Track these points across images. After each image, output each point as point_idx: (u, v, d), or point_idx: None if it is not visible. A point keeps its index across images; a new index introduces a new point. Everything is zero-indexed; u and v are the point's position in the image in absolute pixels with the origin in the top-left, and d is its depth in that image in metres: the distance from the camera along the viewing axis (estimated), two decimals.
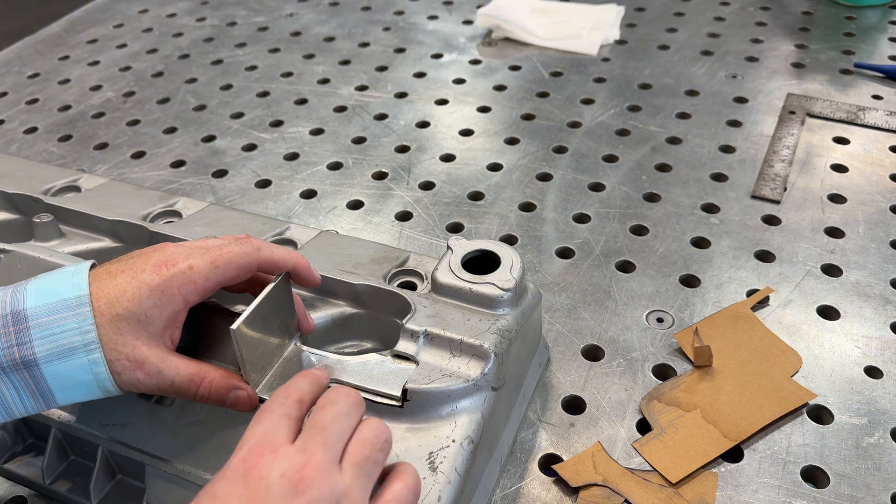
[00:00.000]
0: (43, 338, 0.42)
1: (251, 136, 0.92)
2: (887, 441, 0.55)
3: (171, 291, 0.44)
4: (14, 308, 0.42)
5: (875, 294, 0.67)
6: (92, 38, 1.16)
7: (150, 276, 0.44)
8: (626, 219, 0.76)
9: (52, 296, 0.43)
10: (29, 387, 0.43)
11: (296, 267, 0.48)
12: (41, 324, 0.42)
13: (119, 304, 0.43)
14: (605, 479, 0.53)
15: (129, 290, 0.43)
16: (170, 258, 0.45)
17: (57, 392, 0.43)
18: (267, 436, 0.38)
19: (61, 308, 0.42)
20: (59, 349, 0.42)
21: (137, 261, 0.45)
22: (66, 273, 0.44)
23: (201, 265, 0.45)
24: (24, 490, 0.55)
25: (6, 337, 0.42)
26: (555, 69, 1.01)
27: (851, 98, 0.92)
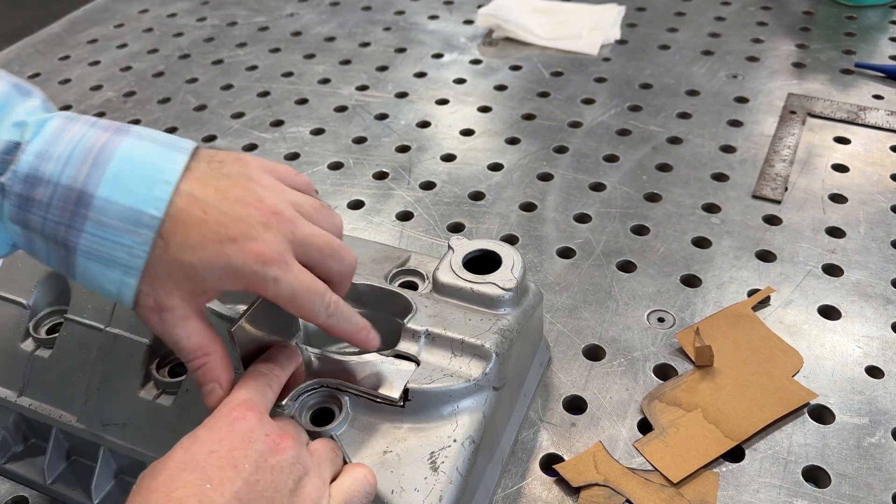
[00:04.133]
0: (93, 235, 0.39)
1: (252, 136, 0.92)
2: (888, 441, 0.55)
3: (241, 282, 0.41)
4: (84, 186, 0.39)
5: (876, 294, 0.67)
6: (92, 38, 1.16)
7: (237, 257, 0.40)
8: (627, 218, 0.76)
9: (127, 196, 0.39)
10: (59, 258, 0.41)
11: None
12: (100, 221, 0.39)
13: (188, 254, 0.40)
14: (606, 479, 0.53)
15: (209, 251, 0.40)
16: (269, 251, 0.40)
17: (80, 278, 0.41)
18: (253, 399, 0.42)
19: (127, 217, 0.39)
20: (102, 254, 0.40)
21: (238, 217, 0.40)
22: (155, 168, 0.40)
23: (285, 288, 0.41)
24: (25, 490, 0.55)
25: (62, 212, 0.39)
26: (555, 69, 1.01)
27: (852, 98, 0.92)
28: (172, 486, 0.37)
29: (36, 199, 0.39)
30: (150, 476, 0.38)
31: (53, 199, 0.39)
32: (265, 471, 0.39)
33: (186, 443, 0.39)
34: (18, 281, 0.57)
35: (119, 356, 0.52)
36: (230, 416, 0.40)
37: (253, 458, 0.39)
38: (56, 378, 0.53)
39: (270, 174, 0.44)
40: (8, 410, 0.54)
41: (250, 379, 0.44)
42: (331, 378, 0.48)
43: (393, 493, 0.44)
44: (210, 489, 0.37)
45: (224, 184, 0.41)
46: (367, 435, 0.47)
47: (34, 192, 0.39)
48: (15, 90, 0.42)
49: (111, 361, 0.52)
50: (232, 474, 0.38)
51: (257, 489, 0.38)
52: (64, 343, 0.53)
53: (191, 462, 0.38)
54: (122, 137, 0.41)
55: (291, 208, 0.43)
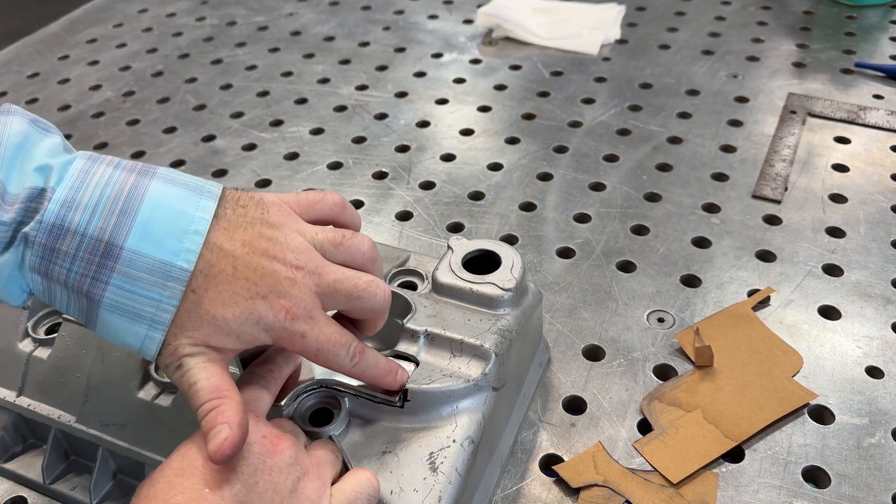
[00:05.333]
0: (119, 287, 0.38)
1: (251, 135, 0.92)
2: (888, 441, 0.55)
3: (271, 337, 0.41)
4: (112, 238, 0.38)
5: (876, 294, 0.66)
6: (91, 38, 1.16)
7: (268, 313, 0.40)
8: (627, 218, 0.76)
9: (155, 248, 0.38)
10: (80, 308, 0.40)
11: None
12: (127, 273, 0.38)
13: (221, 309, 0.39)
14: (605, 480, 0.53)
15: (241, 307, 0.39)
16: (297, 309, 0.40)
17: (101, 330, 0.40)
18: (250, 402, 0.42)
19: (156, 270, 0.38)
20: (128, 308, 0.38)
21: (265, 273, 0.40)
22: (184, 218, 0.39)
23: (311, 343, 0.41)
24: (24, 490, 0.55)
25: (87, 264, 0.38)
26: (555, 69, 1.01)
27: (852, 97, 0.92)
28: (171, 492, 0.37)
29: (62, 250, 0.38)
30: (148, 485, 0.38)
31: (80, 251, 0.38)
32: (263, 472, 0.39)
33: (183, 449, 0.39)
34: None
35: (118, 356, 0.52)
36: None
37: (250, 460, 0.39)
38: (55, 378, 0.53)
39: (290, 212, 0.44)
40: (7, 411, 0.54)
41: (247, 381, 0.44)
42: (330, 378, 0.48)
43: (392, 493, 0.44)
44: (209, 493, 0.37)
45: (249, 235, 0.41)
46: (366, 435, 0.47)
47: (60, 243, 0.38)
48: (33, 127, 0.40)
49: (110, 362, 0.52)
50: (230, 477, 0.38)
51: (256, 491, 0.38)
52: (62, 343, 0.53)
53: (188, 467, 0.38)
54: (148, 181, 0.40)
55: (314, 253, 0.43)
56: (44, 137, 0.40)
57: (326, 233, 0.44)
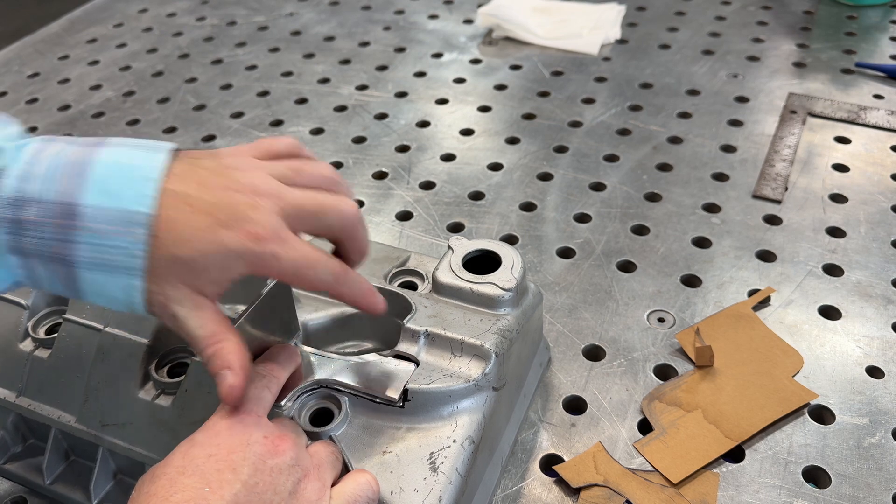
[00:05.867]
0: (89, 244, 0.39)
1: (251, 135, 0.92)
2: (889, 441, 0.55)
3: (243, 265, 0.40)
4: (68, 199, 0.39)
5: (877, 294, 0.66)
6: (92, 38, 1.16)
7: (233, 240, 0.39)
8: (627, 218, 0.76)
9: (113, 199, 0.39)
10: (62, 280, 0.40)
11: None
12: (91, 229, 0.39)
13: (184, 247, 0.39)
14: (606, 480, 0.53)
15: (204, 241, 0.39)
16: (262, 230, 0.40)
17: (87, 294, 0.40)
18: (251, 402, 0.42)
19: (118, 220, 0.39)
20: (103, 262, 0.39)
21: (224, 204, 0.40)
22: (136, 170, 0.40)
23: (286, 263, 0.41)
24: (24, 490, 0.55)
25: (53, 228, 0.39)
26: (556, 68, 1.01)
27: (853, 97, 0.92)
28: (171, 490, 0.37)
29: (26, 220, 0.39)
30: (149, 480, 0.38)
31: (44, 218, 0.39)
32: (264, 473, 0.39)
33: (185, 447, 0.39)
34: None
35: (118, 356, 0.52)
36: (228, 420, 0.41)
37: (251, 460, 0.39)
38: (55, 378, 0.53)
39: (245, 154, 0.44)
40: (7, 411, 0.54)
41: (248, 381, 0.44)
42: (330, 378, 0.48)
43: (392, 493, 0.44)
44: (209, 493, 0.37)
45: (204, 175, 0.41)
46: (367, 435, 0.47)
47: (23, 213, 0.39)
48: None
49: (110, 362, 0.52)
50: (231, 477, 0.38)
51: (256, 491, 0.38)
52: (63, 343, 0.53)
53: (189, 466, 0.38)
54: (100, 148, 0.41)
55: (272, 180, 0.42)
56: (2, 128, 0.41)
57: (285, 162, 0.44)
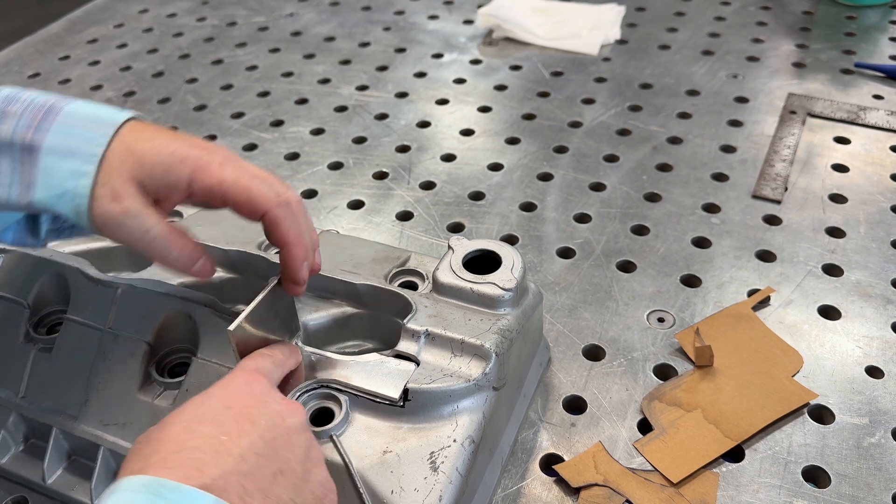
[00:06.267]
0: (59, 132, 0.42)
1: (252, 135, 0.92)
2: (888, 441, 0.55)
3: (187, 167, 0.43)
4: (55, 104, 0.43)
5: (876, 294, 0.67)
6: (92, 38, 1.16)
7: (184, 146, 0.43)
8: (627, 219, 0.76)
9: (92, 109, 0.44)
10: (22, 172, 0.43)
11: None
12: (67, 122, 0.43)
13: (141, 143, 0.43)
14: (606, 480, 0.53)
15: (160, 141, 0.43)
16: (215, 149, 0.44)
17: (39, 186, 0.42)
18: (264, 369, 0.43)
19: (92, 118, 0.43)
20: (65, 147, 0.42)
21: (186, 139, 0.44)
22: (117, 110, 0.45)
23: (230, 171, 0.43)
24: (25, 490, 0.55)
25: (31, 119, 0.42)
26: (555, 69, 1.01)
27: (852, 98, 0.92)
28: (187, 436, 0.36)
29: (9, 111, 0.43)
30: (159, 428, 0.38)
31: (26, 111, 0.43)
32: (281, 429, 0.39)
33: (199, 399, 0.39)
34: (18, 281, 0.57)
35: (118, 356, 0.52)
36: (245, 378, 0.41)
37: (269, 415, 0.39)
38: (56, 378, 0.53)
39: None
40: (8, 410, 0.54)
41: (258, 355, 0.44)
42: (330, 378, 0.48)
43: (393, 493, 0.44)
44: (227, 441, 0.37)
45: (176, 133, 0.45)
46: (367, 435, 0.47)
47: (9, 107, 0.43)
48: None
49: (111, 361, 0.52)
50: (248, 427, 0.38)
51: (273, 446, 0.38)
52: (64, 343, 0.53)
53: (207, 415, 0.38)
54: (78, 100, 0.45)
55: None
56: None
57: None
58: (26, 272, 0.57)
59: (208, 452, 0.36)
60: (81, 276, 0.55)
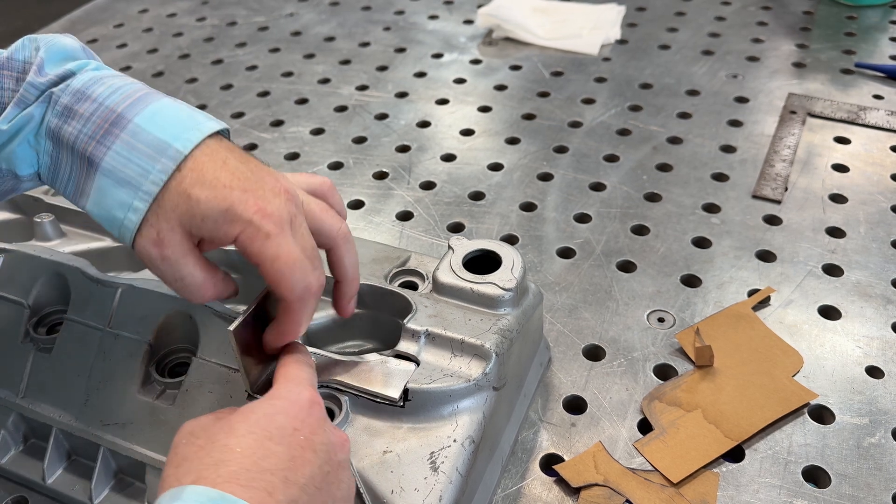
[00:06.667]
0: (118, 154, 0.41)
1: (252, 135, 0.92)
2: (888, 441, 0.55)
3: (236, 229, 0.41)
4: (125, 112, 0.42)
5: (876, 294, 0.67)
6: (92, 38, 1.16)
7: (240, 204, 0.41)
8: (627, 218, 0.76)
9: (160, 130, 0.42)
10: (79, 179, 0.42)
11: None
12: (129, 143, 0.41)
13: (197, 189, 0.41)
14: (606, 480, 0.53)
15: (217, 191, 0.41)
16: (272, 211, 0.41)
17: (91, 200, 0.42)
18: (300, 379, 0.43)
19: (154, 146, 0.41)
20: (121, 174, 0.41)
21: (253, 179, 0.42)
22: (191, 120, 0.43)
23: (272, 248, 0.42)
24: (25, 490, 0.55)
25: (97, 128, 0.42)
26: (555, 69, 1.01)
27: (852, 98, 0.92)
28: (261, 454, 0.36)
29: (78, 111, 0.42)
30: (221, 431, 0.37)
31: (94, 116, 0.42)
32: (333, 464, 0.39)
33: (267, 408, 0.39)
34: (18, 281, 0.57)
35: (119, 356, 0.52)
36: (309, 397, 0.41)
37: (326, 447, 0.39)
38: (56, 378, 0.53)
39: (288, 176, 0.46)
40: (8, 410, 0.54)
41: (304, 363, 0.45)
42: (331, 378, 0.48)
43: (393, 493, 0.44)
44: (292, 467, 0.37)
45: (248, 157, 0.44)
46: (367, 435, 0.47)
47: (79, 105, 0.42)
48: (83, 51, 0.46)
49: (111, 361, 0.52)
50: (311, 457, 0.38)
51: (327, 480, 0.38)
52: (64, 343, 0.53)
53: (277, 434, 0.38)
54: (169, 98, 0.44)
55: (300, 200, 0.44)
56: (88, 59, 0.46)
57: (316, 199, 0.46)
58: (26, 272, 0.57)
59: (279, 478, 0.36)
60: (81, 276, 0.55)
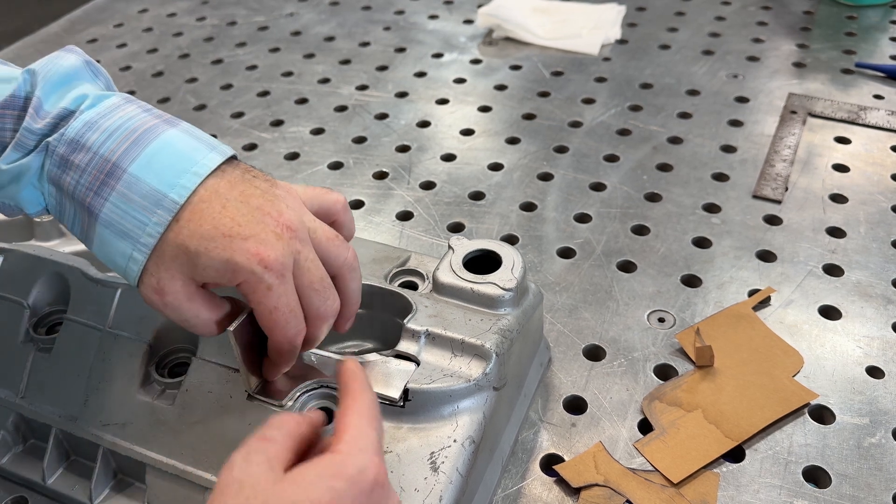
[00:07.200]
0: (115, 206, 0.41)
1: (251, 135, 0.92)
2: (889, 441, 0.55)
3: (237, 279, 0.41)
4: (119, 161, 0.41)
5: (877, 294, 0.66)
6: (92, 38, 1.16)
7: (241, 254, 0.41)
8: (627, 218, 0.76)
9: (155, 178, 0.41)
10: (83, 224, 0.43)
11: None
12: (125, 195, 0.41)
13: (196, 242, 0.41)
14: (606, 480, 0.53)
15: (217, 242, 0.41)
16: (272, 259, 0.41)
17: (96, 247, 0.43)
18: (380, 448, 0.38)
19: (149, 197, 0.41)
20: (119, 226, 0.42)
21: (254, 220, 0.41)
22: (188, 160, 0.42)
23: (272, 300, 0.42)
24: (24, 490, 0.55)
25: (93, 179, 0.42)
26: (556, 69, 1.01)
27: (853, 98, 0.92)
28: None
29: (74, 162, 0.42)
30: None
31: (89, 166, 0.42)
32: None
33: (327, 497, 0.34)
34: (18, 281, 0.57)
35: (118, 356, 0.52)
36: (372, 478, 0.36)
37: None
38: (56, 378, 0.53)
39: (297, 196, 0.45)
40: (8, 410, 0.54)
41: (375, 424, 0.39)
42: (331, 378, 0.48)
43: None
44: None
45: (250, 191, 0.43)
46: None
47: (75, 156, 0.42)
48: (86, 67, 0.45)
49: (111, 361, 0.52)
50: None
51: None
52: (63, 343, 0.53)
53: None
54: (168, 127, 0.43)
55: (306, 231, 0.43)
56: (92, 80, 0.45)
57: (323, 225, 0.45)
58: (26, 272, 0.57)
59: None
60: (81, 276, 0.55)
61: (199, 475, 0.47)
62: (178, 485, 0.48)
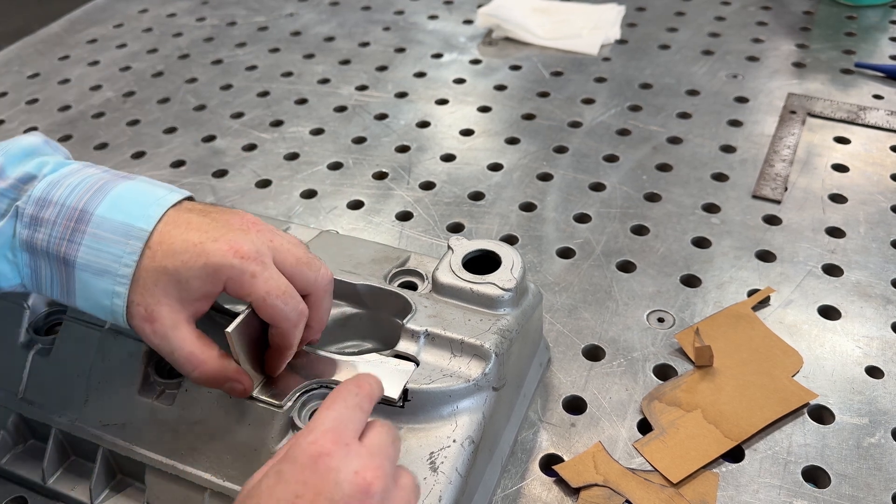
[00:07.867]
0: (90, 247, 0.43)
1: (251, 135, 0.92)
2: (888, 441, 0.55)
3: (221, 279, 0.43)
4: (86, 206, 0.44)
5: (876, 294, 0.67)
6: (92, 38, 1.16)
7: (216, 253, 0.42)
8: (627, 219, 0.76)
9: (122, 214, 0.43)
10: (61, 280, 0.44)
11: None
12: (96, 235, 0.43)
13: (171, 260, 0.43)
14: (605, 480, 0.53)
15: (191, 253, 0.42)
16: (247, 249, 0.43)
17: (78, 296, 0.44)
18: (340, 425, 0.38)
19: (119, 231, 0.43)
20: (97, 265, 0.43)
21: (219, 226, 0.44)
22: (150, 196, 0.45)
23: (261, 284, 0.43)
24: (24, 490, 0.55)
25: (64, 229, 0.43)
26: (555, 69, 1.01)
27: (852, 98, 0.92)
28: None
29: (44, 218, 0.44)
30: None
31: (59, 217, 0.44)
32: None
33: (272, 481, 0.36)
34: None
35: (118, 356, 0.52)
36: (313, 450, 0.36)
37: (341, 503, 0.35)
38: (55, 378, 0.53)
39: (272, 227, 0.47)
40: (8, 410, 0.54)
41: (340, 399, 0.39)
42: (330, 378, 0.48)
43: None
44: None
45: (210, 209, 0.47)
46: None
47: (43, 212, 0.44)
48: (46, 145, 0.48)
49: (110, 361, 0.52)
50: None
51: None
52: (63, 343, 0.53)
53: None
54: (128, 180, 0.46)
55: (269, 226, 0.46)
56: (51, 153, 0.48)
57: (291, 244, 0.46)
58: None
59: None
60: None
61: (199, 475, 0.47)
62: (178, 485, 0.48)
